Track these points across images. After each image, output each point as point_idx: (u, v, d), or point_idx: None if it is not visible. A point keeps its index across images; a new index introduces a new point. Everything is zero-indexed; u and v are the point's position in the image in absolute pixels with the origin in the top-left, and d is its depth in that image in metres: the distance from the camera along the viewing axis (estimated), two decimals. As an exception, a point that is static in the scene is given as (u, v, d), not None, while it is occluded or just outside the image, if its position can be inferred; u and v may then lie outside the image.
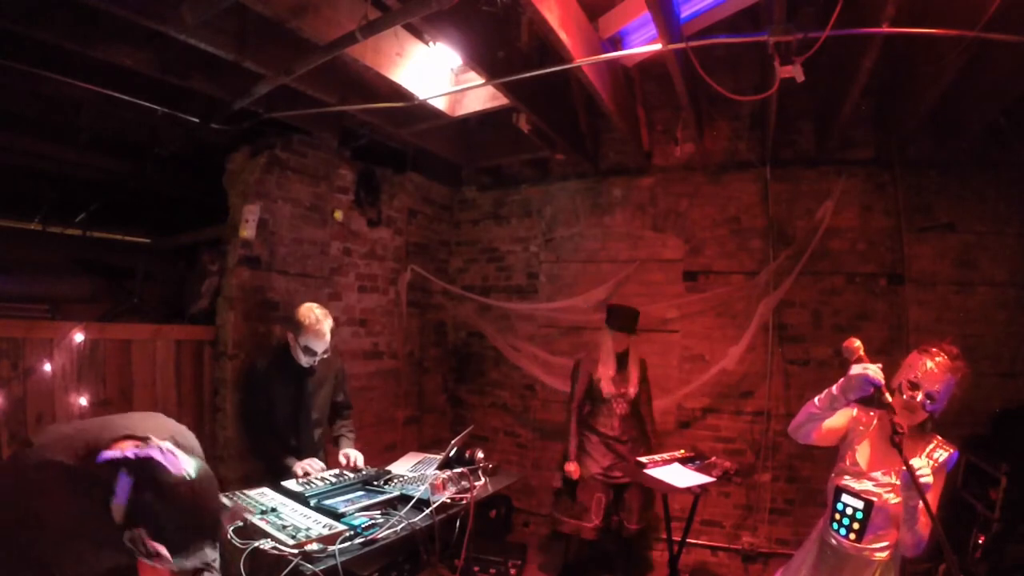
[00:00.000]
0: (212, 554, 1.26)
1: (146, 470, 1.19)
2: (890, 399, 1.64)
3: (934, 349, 1.83)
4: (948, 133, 3.53)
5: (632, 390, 3.40)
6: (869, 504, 1.82)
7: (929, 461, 1.75)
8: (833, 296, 3.87)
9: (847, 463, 1.92)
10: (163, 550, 1.17)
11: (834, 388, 1.78)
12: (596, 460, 3.42)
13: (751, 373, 3.98)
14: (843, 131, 3.59)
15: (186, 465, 1.23)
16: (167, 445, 1.25)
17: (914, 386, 1.79)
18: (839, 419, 1.94)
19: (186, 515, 1.21)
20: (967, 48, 2.43)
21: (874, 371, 1.66)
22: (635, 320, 3.43)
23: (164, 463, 1.20)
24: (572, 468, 3.42)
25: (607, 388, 3.42)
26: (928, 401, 1.77)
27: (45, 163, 3.76)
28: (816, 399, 1.86)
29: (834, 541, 1.91)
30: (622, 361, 3.43)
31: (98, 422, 1.32)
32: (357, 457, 2.68)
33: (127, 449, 1.21)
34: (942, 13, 2.32)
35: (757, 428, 3.96)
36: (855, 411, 1.97)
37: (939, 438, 1.82)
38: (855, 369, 1.70)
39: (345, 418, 2.96)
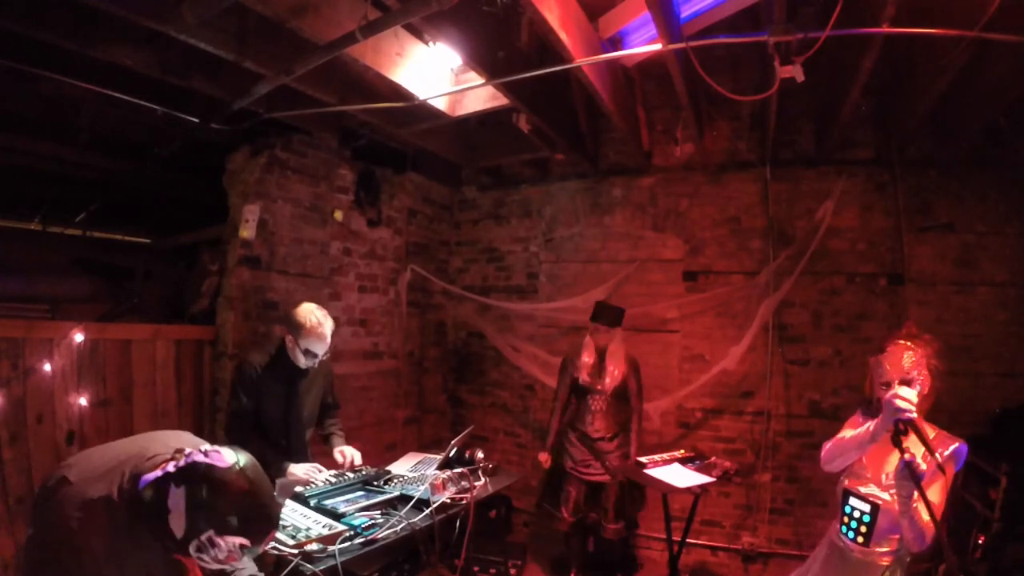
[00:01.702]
0: (275, 534, 1.27)
1: (194, 473, 1.20)
2: (903, 438, 1.59)
3: (885, 344, 1.86)
4: (948, 133, 3.54)
5: (608, 383, 3.37)
6: (876, 507, 1.81)
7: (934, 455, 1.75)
8: (833, 296, 3.87)
9: (855, 466, 1.91)
10: (240, 540, 1.18)
11: (871, 425, 1.74)
12: (571, 455, 3.46)
13: (751, 373, 3.98)
14: (843, 131, 3.58)
15: (231, 457, 1.25)
16: (205, 446, 1.26)
17: (887, 384, 1.79)
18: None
19: (248, 503, 1.22)
20: (967, 48, 2.43)
21: (905, 395, 1.61)
22: (610, 312, 3.41)
23: (210, 461, 1.22)
24: (542, 458, 3.52)
25: (582, 377, 3.42)
26: (908, 386, 1.76)
27: (45, 163, 3.76)
28: (852, 434, 1.82)
29: (842, 544, 1.91)
30: (602, 355, 3.41)
31: (129, 449, 1.32)
32: (354, 454, 2.62)
33: (167, 466, 1.22)
34: (942, 13, 2.32)
35: (757, 428, 3.96)
36: (865, 420, 1.97)
37: (940, 431, 1.81)
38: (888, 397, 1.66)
39: (333, 417, 2.90)
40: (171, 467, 1.22)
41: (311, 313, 2.48)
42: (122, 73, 2.74)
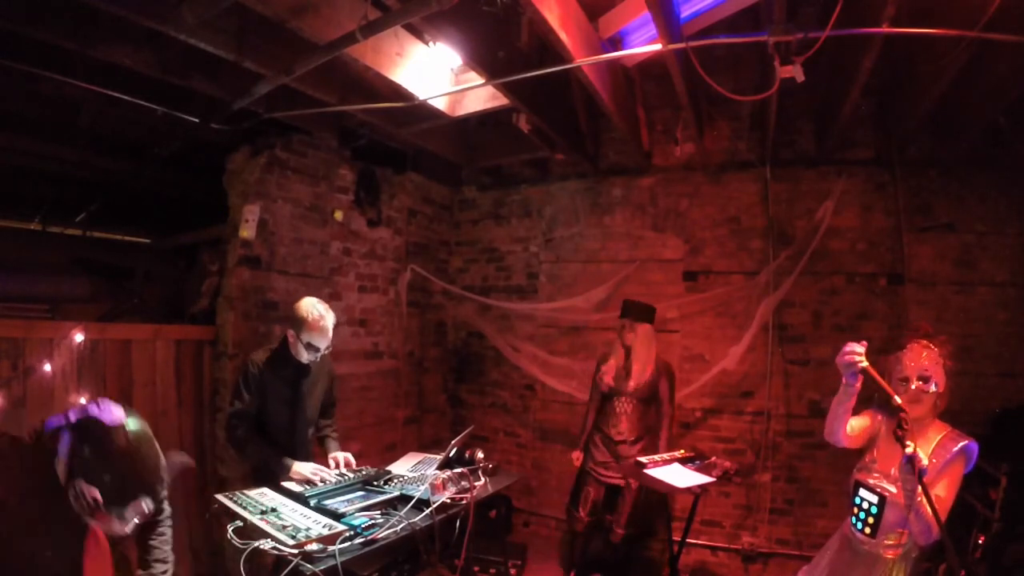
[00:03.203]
0: (151, 504, 1.31)
1: (85, 425, 1.27)
2: (884, 385, 1.67)
3: (903, 342, 1.91)
4: (948, 133, 3.54)
5: (632, 384, 3.33)
6: (883, 499, 1.84)
7: (940, 451, 1.77)
8: (833, 296, 3.87)
9: (866, 459, 1.96)
10: (97, 493, 1.22)
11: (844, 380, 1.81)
12: (593, 456, 3.46)
13: (751, 373, 3.98)
14: (843, 131, 3.59)
15: (121, 415, 1.31)
16: (105, 401, 1.32)
17: (905, 380, 1.84)
18: (862, 420, 1.98)
19: (122, 463, 1.26)
20: (967, 48, 2.43)
21: (849, 348, 1.70)
22: (636, 308, 3.38)
23: (99, 415, 1.28)
24: (574, 455, 3.52)
25: (606, 379, 3.40)
26: (923, 383, 1.81)
27: (45, 163, 3.77)
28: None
29: (852, 536, 1.95)
30: (629, 355, 3.37)
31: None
32: (348, 458, 2.62)
33: (70, 412, 1.30)
34: (942, 13, 2.32)
35: (757, 428, 3.96)
36: (879, 414, 2.01)
37: (952, 429, 1.83)
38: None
39: (329, 417, 2.90)
40: (72, 414, 1.29)
41: (312, 307, 2.49)
42: (122, 73, 2.74)
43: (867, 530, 1.88)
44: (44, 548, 1.31)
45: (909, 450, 1.54)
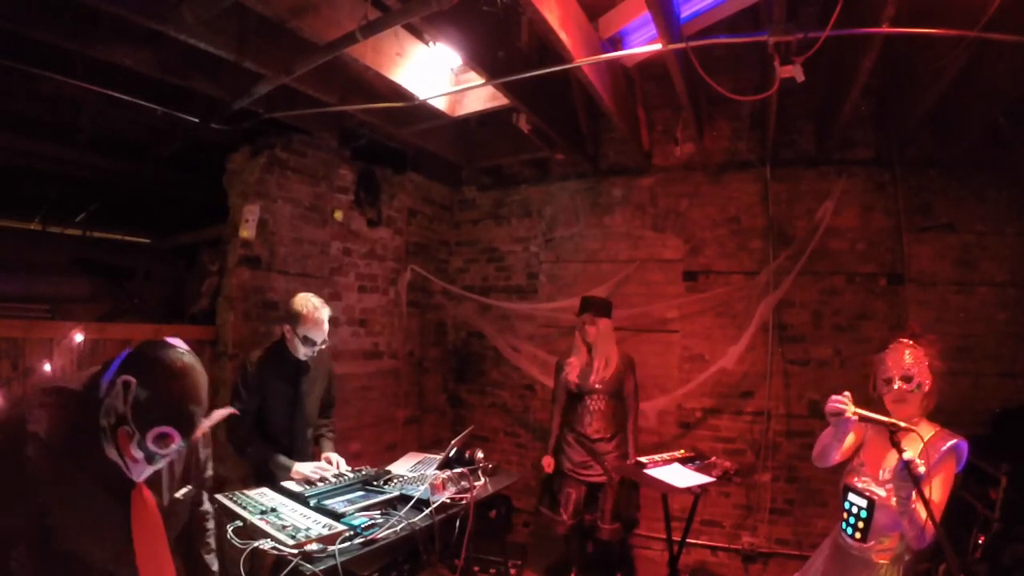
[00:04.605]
0: (179, 444, 1.21)
1: (141, 350, 1.25)
2: (883, 420, 1.67)
3: (890, 342, 1.92)
4: (948, 133, 3.54)
5: (594, 379, 3.30)
6: (872, 502, 1.82)
7: (930, 450, 1.76)
8: (833, 296, 3.87)
9: (855, 463, 1.94)
10: (130, 413, 1.16)
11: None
12: (569, 457, 3.41)
13: (751, 373, 3.98)
14: (843, 131, 3.59)
15: (184, 346, 1.28)
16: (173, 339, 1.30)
17: (889, 380, 1.85)
18: (849, 436, 1.97)
19: (165, 387, 1.20)
20: (967, 48, 2.43)
21: (834, 400, 1.72)
22: (594, 303, 3.35)
23: (164, 341, 1.28)
24: (546, 462, 3.46)
25: (571, 378, 3.37)
26: (906, 384, 1.81)
27: (45, 163, 3.77)
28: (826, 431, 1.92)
29: (842, 541, 1.93)
30: (591, 351, 3.34)
31: None
32: (339, 461, 2.60)
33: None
34: (942, 13, 2.32)
35: (757, 428, 3.96)
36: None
37: (941, 428, 1.82)
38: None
39: (327, 416, 2.89)
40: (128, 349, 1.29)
41: (307, 300, 2.50)
42: (122, 73, 2.74)
43: (857, 535, 1.85)
44: (92, 506, 1.24)
45: (907, 456, 1.53)
